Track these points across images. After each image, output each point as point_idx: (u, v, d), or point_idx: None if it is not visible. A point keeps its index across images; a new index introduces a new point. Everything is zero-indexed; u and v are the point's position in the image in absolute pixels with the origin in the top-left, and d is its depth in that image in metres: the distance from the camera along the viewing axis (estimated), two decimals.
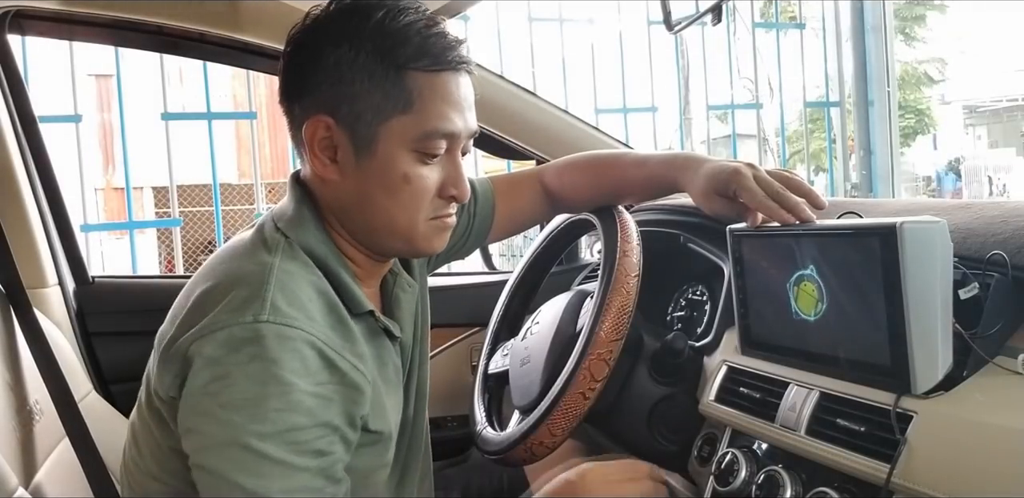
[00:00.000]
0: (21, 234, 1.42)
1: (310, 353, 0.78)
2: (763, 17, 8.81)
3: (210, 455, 0.76)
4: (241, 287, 0.80)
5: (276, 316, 0.77)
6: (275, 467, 0.74)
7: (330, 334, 0.81)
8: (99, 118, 8.97)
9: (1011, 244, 0.81)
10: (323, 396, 0.78)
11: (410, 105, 0.85)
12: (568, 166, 1.18)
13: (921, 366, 0.76)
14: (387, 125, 0.85)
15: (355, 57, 0.84)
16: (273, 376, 0.75)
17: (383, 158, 0.86)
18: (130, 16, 1.49)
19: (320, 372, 0.78)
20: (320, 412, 0.77)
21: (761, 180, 0.95)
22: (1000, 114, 17.21)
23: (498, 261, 2.04)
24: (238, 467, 0.74)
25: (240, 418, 0.74)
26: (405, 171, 0.86)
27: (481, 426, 1.15)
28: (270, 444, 0.74)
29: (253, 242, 0.88)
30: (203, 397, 0.77)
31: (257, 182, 2.85)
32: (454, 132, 0.87)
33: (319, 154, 0.87)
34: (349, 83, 0.84)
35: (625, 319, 0.97)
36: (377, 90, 0.84)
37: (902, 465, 0.74)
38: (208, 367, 0.76)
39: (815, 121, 6.56)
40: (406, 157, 0.86)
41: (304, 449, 0.76)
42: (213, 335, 0.77)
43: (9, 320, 1.11)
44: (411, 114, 0.85)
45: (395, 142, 0.85)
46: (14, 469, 0.94)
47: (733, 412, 0.98)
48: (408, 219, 0.89)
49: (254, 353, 0.75)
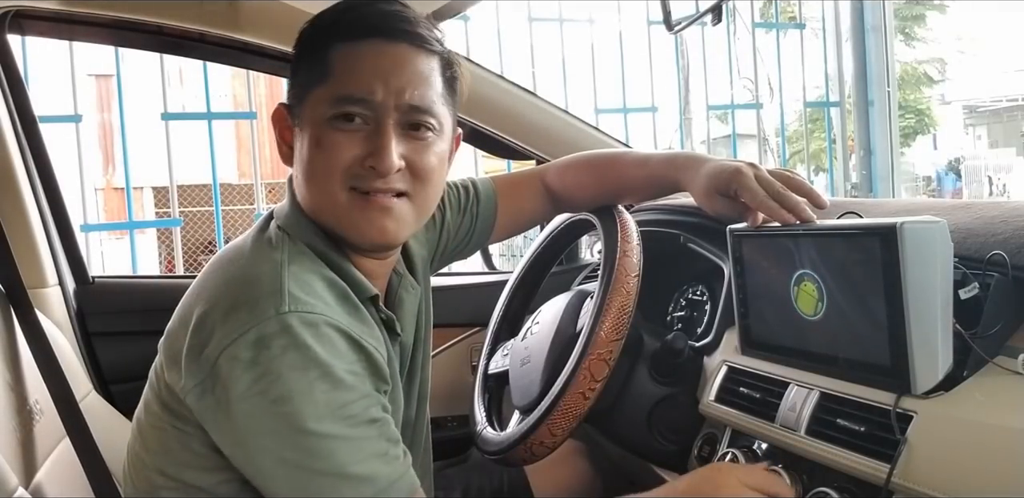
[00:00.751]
0: (21, 234, 1.42)
1: (336, 335, 0.80)
2: (763, 17, 8.80)
3: (279, 451, 0.78)
4: (256, 285, 0.82)
5: (296, 305, 0.79)
6: (342, 444, 0.77)
7: (348, 319, 0.83)
8: (99, 118, 8.97)
9: (1011, 244, 0.82)
10: (358, 373, 0.81)
11: (327, 75, 0.86)
12: (570, 165, 1.18)
13: (921, 366, 0.76)
14: (308, 98, 0.87)
15: (300, 43, 0.90)
16: (312, 360, 0.77)
17: (306, 129, 0.88)
18: (130, 16, 1.49)
19: (348, 352, 0.81)
20: (360, 385, 0.81)
21: (762, 180, 0.95)
22: (1000, 114, 17.21)
23: (498, 261, 2.04)
24: (309, 453, 0.77)
25: (294, 407, 0.76)
26: (319, 136, 0.86)
27: (481, 426, 1.15)
28: (329, 423, 0.77)
29: (257, 241, 0.89)
30: (252, 398, 0.77)
31: (257, 182, 2.85)
32: (368, 98, 0.85)
33: (280, 140, 0.92)
34: (295, 70, 0.91)
35: (625, 319, 0.97)
36: (304, 67, 0.89)
37: (902, 465, 0.74)
38: (248, 370, 0.77)
39: (815, 121, 6.55)
40: (323, 124, 0.86)
41: (360, 420, 0.79)
42: (242, 338, 0.78)
43: (9, 320, 1.11)
44: (327, 83, 0.86)
45: (314, 112, 0.87)
46: (14, 469, 0.94)
47: (733, 412, 0.98)
48: (324, 190, 0.87)
49: (286, 344, 0.77)
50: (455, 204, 1.13)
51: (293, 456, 0.77)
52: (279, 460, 0.78)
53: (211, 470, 0.85)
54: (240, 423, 0.79)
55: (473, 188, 1.16)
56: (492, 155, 1.87)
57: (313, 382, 0.77)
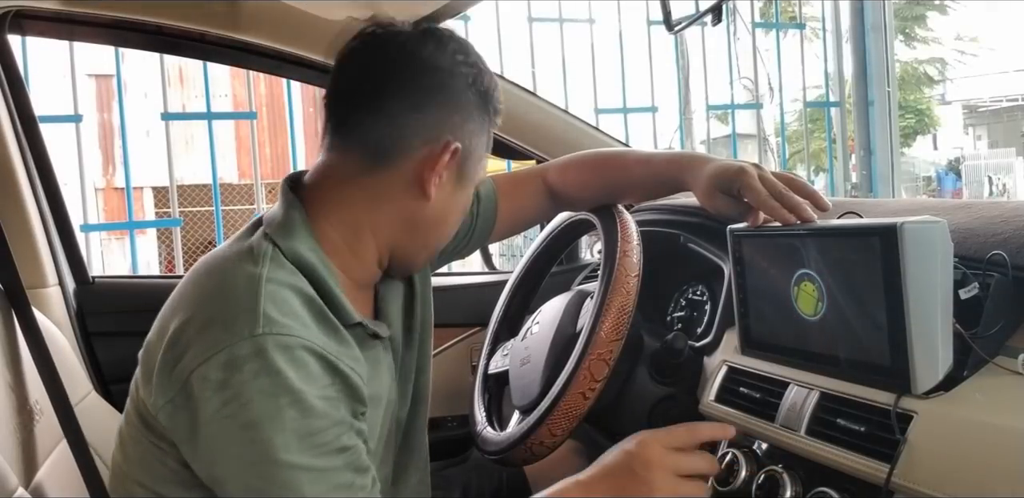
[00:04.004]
0: (21, 234, 1.42)
1: (311, 359, 0.78)
2: (763, 17, 8.79)
3: (244, 477, 0.76)
4: (231, 302, 0.80)
5: (271, 327, 0.77)
6: (307, 474, 0.76)
7: (325, 339, 0.81)
8: (99, 118, 8.97)
9: (1011, 244, 0.81)
10: (331, 398, 0.79)
11: (488, 150, 0.95)
12: (571, 164, 1.18)
13: (921, 366, 0.76)
14: (480, 166, 0.95)
15: (465, 92, 0.89)
16: (282, 386, 0.75)
17: (466, 191, 0.95)
18: (130, 16, 1.49)
19: (323, 376, 0.79)
20: (333, 412, 0.79)
21: (765, 180, 0.95)
22: (1000, 114, 17.21)
23: (498, 261, 2.04)
24: (273, 483, 0.75)
25: (263, 435, 0.75)
26: (465, 205, 0.97)
27: (481, 426, 1.15)
28: (296, 454, 0.75)
29: (239, 252, 0.86)
30: (221, 421, 0.76)
31: (257, 182, 2.84)
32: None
33: (436, 172, 0.88)
34: (466, 118, 0.90)
35: (625, 319, 0.97)
36: (482, 134, 0.93)
37: (902, 465, 0.74)
38: (217, 392, 0.76)
39: (815, 121, 6.56)
40: (465, 195, 0.96)
41: (328, 449, 0.77)
42: (215, 358, 0.76)
43: (9, 320, 1.11)
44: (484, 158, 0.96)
45: (476, 179, 0.96)
46: (14, 469, 0.94)
47: (733, 412, 0.98)
48: (426, 247, 0.96)
49: (258, 368, 0.76)
50: None
51: (257, 483, 0.76)
52: (244, 485, 0.77)
53: (187, 485, 0.83)
54: (207, 445, 0.78)
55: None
56: (492, 155, 1.87)
57: (283, 409, 0.75)
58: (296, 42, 1.56)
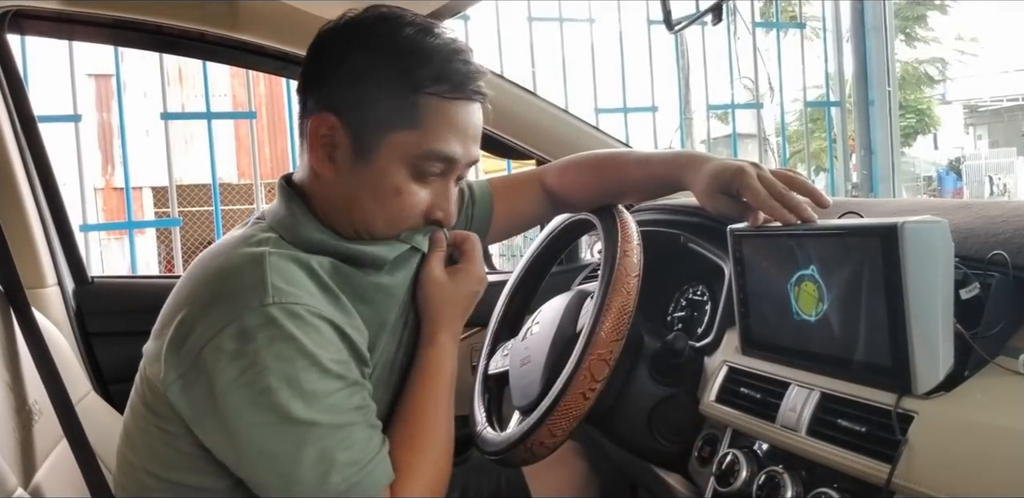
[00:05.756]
0: (20, 234, 1.42)
1: (321, 324, 0.82)
2: (763, 17, 8.79)
3: (266, 442, 0.79)
4: (236, 278, 0.83)
5: (280, 296, 0.80)
6: (331, 432, 0.80)
7: (331, 309, 0.85)
8: (98, 118, 8.97)
9: (1012, 244, 0.81)
10: (343, 361, 0.84)
11: (417, 124, 0.88)
12: (570, 166, 1.18)
13: (922, 366, 0.76)
14: (390, 137, 0.88)
15: (375, 66, 0.88)
16: (298, 350, 0.79)
17: (380, 168, 0.89)
18: (130, 16, 1.50)
19: (334, 340, 0.83)
20: (347, 373, 0.83)
21: (765, 179, 0.95)
22: (1001, 114, 17.21)
23: (498, 261, 2.04)
24: (296, 442, 0.78)
25: (283, 398, 0.78)
26: (398, 184, 0.90)
27: (481, 426, 1.15)
28: (316, 412, 0.79)
29: (241, 238, 0.90)
30: (239, 390, 0.78)
31: (257, 182, 2.84)
32: (453, 157, 0.91)
33: (318, 149, 0.90)
34: (364, 89, 0.88)
35: (625, 319, 0.96)
36: (389, 102, 0.88)
37: (903, 465, 0.74)
38: (233, 362, 0.78)
39: (815, 121, 6.55)
40: (402, 171, 0.90)
41: (347, 408, 0.82)
42: (226, 330, 0.79)
43: (9, 320, 1.11)
44: (416, 132, 0.88)
45: (394, 155, 0.89)
46: (13, 469, 0.94)
47: (734, 412, 0.98)
48: (388, 228, 0.93)
49: (272, 335, 0.78)
50: None
51: (280, 446, 0.78)
52: (265, 451, 0.79)
53: (197, 469, 0.85)
54: (226, 414, 0.79)
55: (469, 191, 1.15)
56: (492, 155, 1.87)
57: (300, 372, 0.79)
58: (296, 42, 1.56)
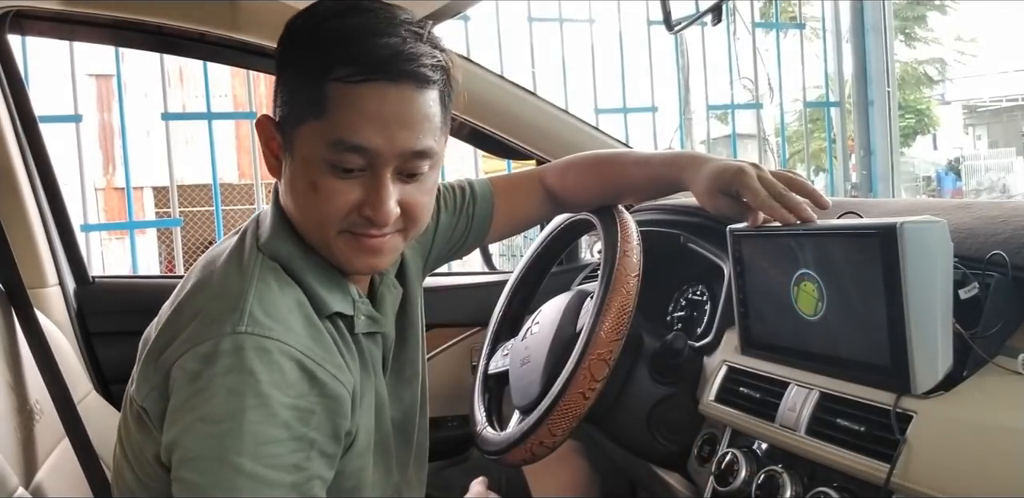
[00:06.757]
0: (22, 234, 1.43)
1: (288, 365, 0.77)
2: (763, 17, 8.78)
3: (189, 468, 0.76)
4: (221, 299, 0.81)
5: (254, 327, 0.78)
6: (248, 481, 0.74)
7: (310, 345, 0.80)
8: (99, 118, 8.97)
9: (1011, 244, 0.82)
10: (302, 408, 0.77)
11: (322, 110, 0.80)
12: (570, 166, 1.18)
13: (921, 366, 0.76)
14: (301, 129, 0.82)
15: (291, 59, 0.83)
16: (251, 388, 0.75)
17: (299, 162, 0.83)
18: (130, 16, 1.50)
19: (299, 383, 0.78)
20: (297, 425, 0.77)
21: (764, 180, 0.95)
22: (1000, 114, 17.20)
23: (498, 261, 2.04)
24: (213, 481, 0.74)
25: (218, 431, 0.74)
26: (314, 180, 0.82)
27: (481, 426, 1.15)
28: (246, 458, 0.74)
29: (234, 251, 0.88)
30: (185, 412, 0.77)
31: (257, 182, 2.85)
32: (366, 146, 0.79)
33: (265, 150, 0.88)
34: (284, 83, 0.84)
35: (625, 319, 0.97)
36: (299, 93, 0.82)
37: (902, 465, 0.74)
38: (190, 382, 0.77)
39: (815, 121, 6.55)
40: (319, 166, 0.81)
41: (279, 463, 0.75)
42: (195, 349, 0.78)
43: (10, 320, 1.12)
44: (322, 121, 0.80)
45: (308, 148, 0.81)
46: (14, 469, 0.94)
47: (733, 412, 0.98)
48: (317, 228, 0.85)
49: (231, 365, 0.76)
50: (451, 205, 1.13)
51: (201, 478, 0.75)
52: (184, 479, 0.76)
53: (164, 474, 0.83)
54: (172, 433, 0.78)
55: (470, 189, 1.15)
56: (492, 155, 1.87)
57: (246, 411, 0.74)
58: None
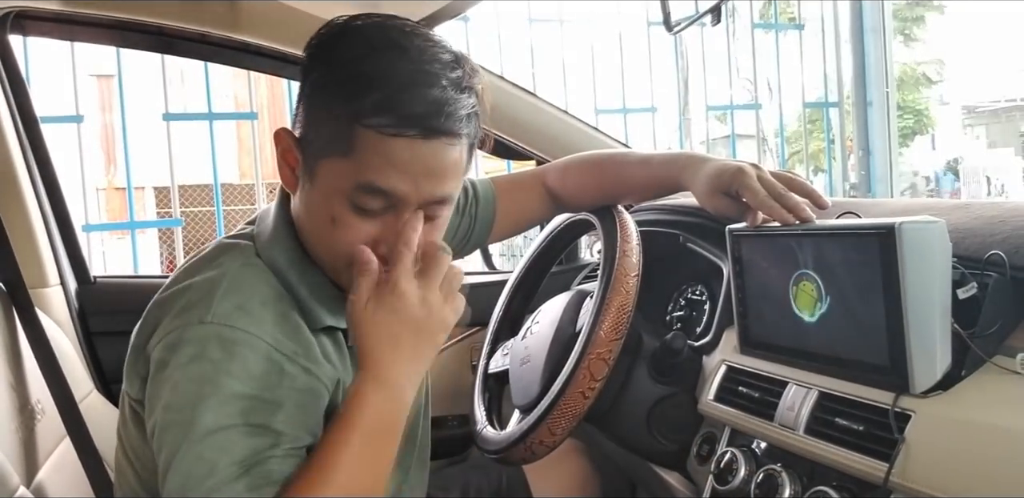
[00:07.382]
0: (23, 234, 1.43)
1: (253, 356, 0.78)
2: (762, 18, 8.77)
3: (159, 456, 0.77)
4: (194, 291, 0.83)
5: (219, 318, 0.79)
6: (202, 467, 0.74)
7: (280, 338, 0.80)
8: (100, 118, 8.96)
9: (1009, 244, 0.82)
10: (265, 400, 0.77)
11: (349, 152, 0.78)
12: (570, 166, 1.18)
13: (919, 366, 0.76)
14: (324, 162, 0.81)
15: (324, 86, 0.81)
16: (209, 378, 0.76)
17: (320, 192, 0.82)
18: (131, 17, 1.50)
19: (265, 376, 0.78)
20: (256, 416, 0.76)
21: (764, 180, 0.95)
22: (999, 114, 17.20)
23: (498, 261, 2.04)
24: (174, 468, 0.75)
25: (178, 418, 0.76)
26: (334, 214, 0.81)
27: (481, 425, 1.15)
28: (201, 445, 0.74)
29: (221, 247, 0.90)
30: (154, 401, 0.79)
31: (258, 182, 2.85)
32: (392, 192, 0.79)
33: (282, 163, 0.86)
34: (312, 109, 0.82)
35: (625, 319, 0.97)
36: (325, 127, 0.80)
37: (900, 464, 0.75)
38: (158, 371, 0.79)
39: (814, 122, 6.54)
40: (341, 202, 0.80)
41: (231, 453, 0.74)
42: (165, 339, 0.80)
43: (11, 320, 1.12)
44: (349, 160, 0.79)
45: (332, 183, 0.81)
46: (16, 468, 0.94)
47: (732, 411, 0.99)
48: (328, 254, 0.85)
49: (193, 354, 0.77)
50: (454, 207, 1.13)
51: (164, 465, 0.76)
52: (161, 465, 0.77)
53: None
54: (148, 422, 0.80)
55: (472, 189, 1.16)
56: (492, 155, 1.87)
57: (202, 399, 0.75)
58: (296, 43, 1.56)
